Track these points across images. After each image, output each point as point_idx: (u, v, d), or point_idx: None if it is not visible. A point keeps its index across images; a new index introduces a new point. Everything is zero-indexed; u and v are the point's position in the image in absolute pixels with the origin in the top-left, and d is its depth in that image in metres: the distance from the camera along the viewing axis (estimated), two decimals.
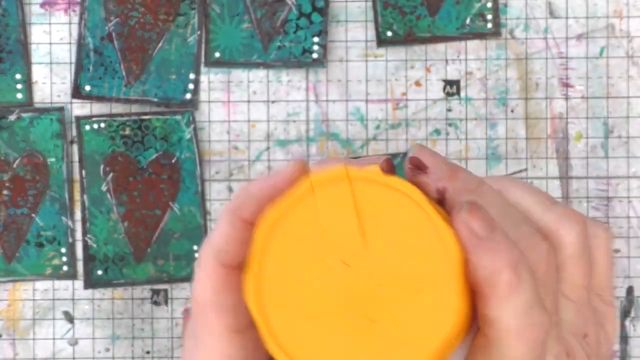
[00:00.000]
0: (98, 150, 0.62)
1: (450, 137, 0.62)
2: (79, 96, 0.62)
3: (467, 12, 0.62)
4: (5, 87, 0.62)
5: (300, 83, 0.63)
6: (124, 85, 0.62)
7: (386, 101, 0.63)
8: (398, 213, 0.30)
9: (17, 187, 0.62)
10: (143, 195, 0.62)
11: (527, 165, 0.62)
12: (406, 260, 0.30)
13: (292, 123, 0.63)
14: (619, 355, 0.63)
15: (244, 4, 0.62)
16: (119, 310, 0.63)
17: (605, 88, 0.63)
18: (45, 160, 0.62)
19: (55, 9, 0.63)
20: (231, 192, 0.63)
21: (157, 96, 0.62)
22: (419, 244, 0.30)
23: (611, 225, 0.63)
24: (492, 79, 0.62)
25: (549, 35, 0.62)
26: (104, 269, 0.62)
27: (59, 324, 0.63)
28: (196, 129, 0.62)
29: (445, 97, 0.62)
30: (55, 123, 0.62)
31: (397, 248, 0.30)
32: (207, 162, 0.63)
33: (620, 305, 0.63)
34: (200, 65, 0.62)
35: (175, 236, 0.62)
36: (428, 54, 0.62)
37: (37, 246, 0.63)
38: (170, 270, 0.63)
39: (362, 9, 0.63)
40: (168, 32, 0.62)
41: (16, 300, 0.63)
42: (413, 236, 0.30)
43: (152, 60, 0.62)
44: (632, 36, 0.63)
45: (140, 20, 0.62)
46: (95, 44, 0.62)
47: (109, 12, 0.62)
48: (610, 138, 0.63)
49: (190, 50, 0.62)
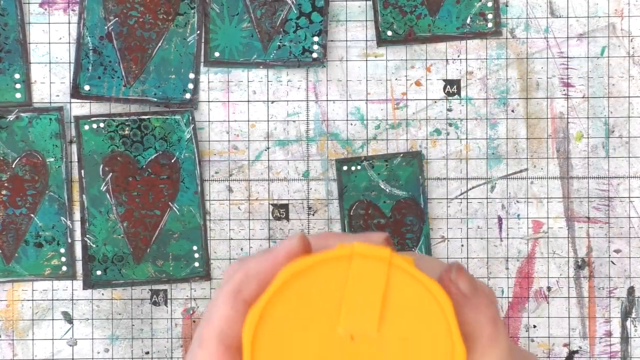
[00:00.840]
0: (97, 150, 0.62)
1: (450, 136, 0.62)
2: (78, 96, 0.62)
3: (467, 11, 0.62)
4: (4, 87, 0.62)
5: (300, 83, 0.63)
6: (123, 85, 0.62)
7: (386, 101, 0.62)
8: (422, 313, 0.31)
9: (16, 187, 0.62)
10: (142, 195, 0.62)
11: (527, 165, 0.62)
12: (411, 358, 0.31)
13: (292, 123, 0.63)
14: (620, 356, 0.63)
15: (244, 4, 0.62)
16: (118, 311, 0.63)
17: (606, 88, 0.63)
18: (44, 160, 0.62)
19: (54, 8, 0.63)
20: (231, 193, 0.63)
21: (156, 96, 0.62)
22: (430, 350, 0.31)
23: (612, 225, 0.63)
24: (492, 79, 0.62)
25: (550, 34, 0.62)
26: (103, 269, 0.62)
27: (58, 324, 0.63)
28: (196, 128, 0.62)
29: (446, 97, 0.62)
30: (54, 123, 0.62)
31: (407, 343, 0.31)
32: (207, 162, 0.63)
33: (621, 305, 0.63)
34: (200, 64, 0.62)
35: (174, 236, 0.62)
36: (428, 53, 0.62)
37: (36, 246, 0.62)
38: (170, 270, 0.62)
39: (362, 8, 0.62)
40: (167, 32, 0.62)
41: (15, 301, 0.63)
42: (427, 340, 0.31)
43: (152, 60, 0.62)
44: (633, 36, 0.63)
45: (140, 19, 0.62)
46: (95, 44, 0.62)
47: (108, 12, 0.62)
48: (611, 138, 0.63)
49: (189, 49, 0.62)
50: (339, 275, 0.31)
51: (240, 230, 0.63)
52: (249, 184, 0.63)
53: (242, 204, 0.63)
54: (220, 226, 0.63)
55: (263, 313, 0.31)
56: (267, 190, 0.63)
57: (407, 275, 0.31)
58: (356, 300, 0.31)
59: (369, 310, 0.31)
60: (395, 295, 0.31)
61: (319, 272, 0.31)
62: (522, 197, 0.62)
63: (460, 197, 0.62)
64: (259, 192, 0.63)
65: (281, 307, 0.31)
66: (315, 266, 0.31)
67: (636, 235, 0.62)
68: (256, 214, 0.63)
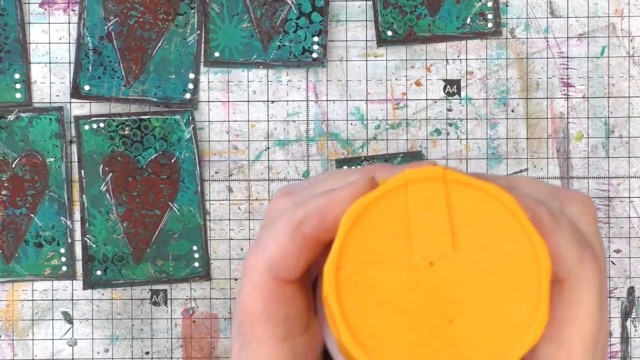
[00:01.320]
0: (97, 150, 0.62)
1: (450, 137, 0.62)
2: (78, 96, 0.62)
3: (467, 11, 0.62)
4: (4, 87, 0.62)
5: (300, 83, 0.63)
6: (123, 85, 0.62)
7: (386, 101, 0.62)
8: (490, 218, 0.30)
9: (16, 187, 0.62)
10: (142, 195, 0.62)
11: (527, 165, 0.62)
12: (494, 265, 0.30)
13: (292, 123, 0.63)
14: (620, 356, 0.63)
15: (244, 4, 0.62)
16: (118, 311, 0.63)
17: (606, 88, 0.63)
18: (44, 160, 0.62)
19: (54, 8, 0.63)
20: (231, 193, 0.63)
21: (156, 96, 0.62)
22: (509, 251, 0.30)
23: (612, 225, 0.63)
24: (492, 79, 0.62)
25: (550, 34, 0.62)
26: (103, 269, 0.62)
27: (58, 324, 0.63)
28: (196, 128, 0.62)
29: (446, 97, 0.62)
30: (54, 123, 0.62)
31: (486, 252, 0.30)
32: (207, 162, 0.63)
33: (621, 305, 0.63)
34: (200, 64, 0.62)
35: (174, 236, 0.62)
36: (428, 53, 0.62)
37: (36, 246, 0.62)
38: (170, 270, 0.62)
39: (362, 8, 0.62)
40: (167, 32, 0.62)
41: (15, 301, 0.63)
42: (504, 242, 0.30)
43: (152, 60, 0.62)
44: (633, 36, 0.63)
45: (140, 19, 0.62)
46: (95, 44, 0.62)
47: (108, 12, 0.62)
48: (611, 138, 0.63)
49: (189, 49, 0.62)
50: (399, 206, 0.31)
51: (240, 230, 0.63)
52: (249, 184, 0.63)
53: (242, 204, 0.63)
54: (220, 226, 0.63)
55: (338, 259, 0.30)
56: (267, 190, 0.63)
57: (465, 186, 0.31)
58: (424, 225, 0.30)
59: (439, 230, 0.30)
60: (458, 209, 0.31)
61: (379, 208, 0.31)
62: None
63: None
64: (259, 192, 0.63)
65: (353, 250, 0.30)
66: (374, 203, 0.31)
67: (636, 235, 0.62)
68: (256, 214, 0.63)
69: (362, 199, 0.31)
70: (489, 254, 0.30)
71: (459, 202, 0.31)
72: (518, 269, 0.29)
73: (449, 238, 0.30)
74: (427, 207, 0.31)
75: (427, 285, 0.30)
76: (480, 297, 0.29)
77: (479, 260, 0.30)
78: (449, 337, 0.29)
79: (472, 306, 0.29)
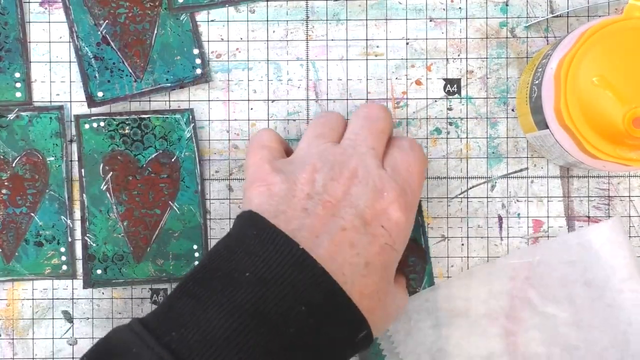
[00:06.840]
0: (97, 149, 0.62)
1: (450, 136, 0.62)
2: (95, 104, 0.62)
3: None
4: (4, 86, 0.62)
5: (301, 82, 0.63)
6: (134, 80, 0.62)
7: (386, 100, 0.62)
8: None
9: (16, 186, 0.62)
10: (142, 194, 0.62)
11: (527, 164, 0.62)
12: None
13: (292, 122, 0.63)
14: None
15: None
16: (119, 310, 0.63)
17: None
18: (44, 159, 0.62)
19: (54, 7, 0.63)
20: (231, 192, 0.63)
21: (168, 81, 0.62)
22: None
23: None
24: (492, 78, 0.62)
25: (550, 34, 0.62)
26: (104, 269, 0.62)
27: (58, 323, 0.63)
28: (196, 127, 0.62)
29: (446, 96, 0.62)
30: (55, 122, 0.62)
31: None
32: (207, 161, 0.63)
33: None
34: (201, 37, 0.62)
35: (174, 235, 0.62)
36: (428, 52, 0.62)
37: (36, 245, 0.62)
38: (170, 269, 0.62)
39: (362, 7, 0.62)
40: (159, 18, 0.62)
41: (15, 300, 0.63)
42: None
43: (153, 49, 0.62)
44: None
45: (129, 14, 0.62)
46: (94, 52, 0.62)
47: (97, 17, 0.62)
48: None
49: (185, 27, 0.62)
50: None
51: None
52: None
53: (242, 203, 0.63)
54: (221, 225, 0.63)
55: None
56: None
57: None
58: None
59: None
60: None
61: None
62: (522, 196, 0.62)
63: (461, 196, 0.62)
64: None
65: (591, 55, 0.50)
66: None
67: (636, 235, 0.62)
68: None
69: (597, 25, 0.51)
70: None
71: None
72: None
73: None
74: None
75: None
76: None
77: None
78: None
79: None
